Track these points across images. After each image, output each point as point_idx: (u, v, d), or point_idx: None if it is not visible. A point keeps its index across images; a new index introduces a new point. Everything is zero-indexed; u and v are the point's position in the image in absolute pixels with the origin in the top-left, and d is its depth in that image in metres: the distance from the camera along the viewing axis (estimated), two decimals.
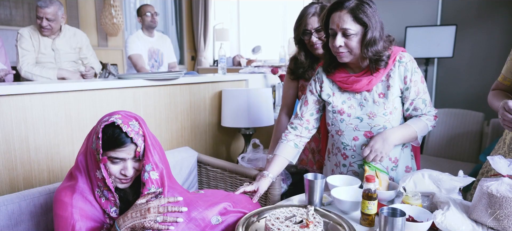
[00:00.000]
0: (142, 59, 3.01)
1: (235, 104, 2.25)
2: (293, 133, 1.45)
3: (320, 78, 1.44)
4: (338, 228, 1.05)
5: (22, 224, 1.28)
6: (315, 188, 1.20)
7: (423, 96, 1.34)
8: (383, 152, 1.29)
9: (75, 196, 1.03)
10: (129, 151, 1.02)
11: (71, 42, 2.58)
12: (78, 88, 1.74)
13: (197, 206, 1.15)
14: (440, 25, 3.38)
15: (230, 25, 5.61)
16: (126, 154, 1.02)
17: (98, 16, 4.75)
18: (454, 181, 1.18)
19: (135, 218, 0.98)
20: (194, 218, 1.12)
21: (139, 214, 0.98)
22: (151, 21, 3.09)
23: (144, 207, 0.99)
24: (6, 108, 1.53)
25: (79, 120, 1.75)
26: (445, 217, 1.01)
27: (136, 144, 1.02)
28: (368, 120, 1.34)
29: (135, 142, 1.02)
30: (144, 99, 2.00)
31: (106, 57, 4.66)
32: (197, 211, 1.14)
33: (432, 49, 3.29)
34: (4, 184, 1.55)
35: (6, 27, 3.95)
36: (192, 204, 1.15)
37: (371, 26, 1.23)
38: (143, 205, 1.00)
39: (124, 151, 1.02)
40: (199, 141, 2.33)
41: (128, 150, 1.02)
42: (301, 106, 1.47)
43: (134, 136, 1.02)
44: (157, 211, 0.97)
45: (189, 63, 5.93)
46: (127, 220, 0.98)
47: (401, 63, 1.31)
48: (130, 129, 1.01)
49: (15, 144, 1.57)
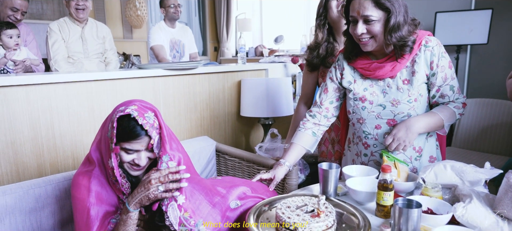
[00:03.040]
0: (163, 50, 3.05)
1: (254, 94, 2.24)
2: (312, 121, 1.42)
3: (341, 65, 1.40)
4: (352, 218, 1.03)
5: (48, 207, 1.34)
6: (330, 177, 1.18)
7: (451, 82, 1.27)
8: (406, 141, 1.23)
9: (92, 180, 1.07)
10: (142, 142, 1.04)
11: (97, 32, 2.67)
12: (100, 78, 1.79)
13: (219, 192, 1.16)
14: (474, 9, 3.20)
15: (252, 15, 5.58)
16: (139, 146, 1.04)
17: (123, 8, 4.86)
18: (479, 173, 1.11)
19: (140, 193, 1.01)
20: (218, 203, 1.13)
21: (143, 188, 1.01)
22: (174, 13, 3.12)
23: (146, 180, 1.01)
24: (33, 97, 1.60)
25: (101, 109, 1.80)
26: (466, 210, 0.95)
27: (150, 136, 1.04)
28: (391, 107, 1.29)
29: (150, 134, 1.03)
30: (164, 89, 2.03)
31: (131, 49, 4.77)
32: (219, 197, 1.15)
33: (465, 35, 3.11)
34: (32, 169, 1.63)
35: (37, 21, 4.14)
36: (213, 190, 1.16)
37: (394, 11, 1.17)
38: (146, 178, 1.02)
39: (138, 143, 1.03)
40: (218, 130, 2.34)
41: (142, 142, 1.04)
42: (321, 94, 1.44)
43: (149, 129, 1.03)
44: (158, 181, 1.00)
45: (212, 54, 5.97)
46: (134, 196, 1.02)
47: (427, 48, 1.25)
48: (145, 122, 1.02)
49: (42, 131, 1.64)
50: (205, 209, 1.10)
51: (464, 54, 3.38)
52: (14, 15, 2.36)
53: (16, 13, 2.36)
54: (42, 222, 1.32)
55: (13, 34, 2.28)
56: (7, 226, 1.25)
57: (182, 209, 1.04)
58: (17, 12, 2.36)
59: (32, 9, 4.12)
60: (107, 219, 1.08)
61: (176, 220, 1.02)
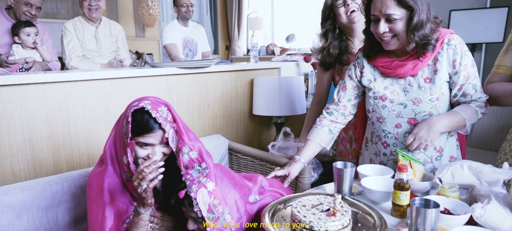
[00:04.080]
0: (176, 48, 3.08)
1: (267, 92, 2.24)
2: (328, 118, 1.41)
3: (360, 63, 1.38)
4: (368, 218, 1.02)
5: (64, 204, 1.36)
6: (344, 176, 1.17)
7: (473, 81, 1.25)
8: (427, 140, 1.21)
9: (105, 180, 1.08)
10: (156, 136, 1.05)
11: (111, 31, 2.70)
12: (114, 76, 1.81)
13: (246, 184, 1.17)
14: (490, 7, 3.13)
15: (264, 14, 5.57)
16: (154, 140, 1.05)
17: (135, 7, 4.91)
18: (497, 173, 1.09)
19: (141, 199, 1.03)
20: (244, 195, 1.13)
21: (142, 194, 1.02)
22: (186, 12, 3.14)
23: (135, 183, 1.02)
24: (50, 95, 1.63)
25: (115, 107, 1.82)
26: (485, 211, 0.94)
27: (164, 130, 1.04)
28: (412, 106, 1.27)
29: (163, 127, 1.04)
30: (177, 87, 2.05)
31: (144, 47, 4.82)
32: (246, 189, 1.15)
33: (480, 33, 3.06)
34: (49, 166, 1.66)
35: (52, 20, 4.21)
36: (241, 181, 1.16)
37: (417, 9, 1.15)
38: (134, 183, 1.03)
39: (152, 137, 1.04)
40: (231, 129, 2.35)
41: (156, 136, 1.05)
42: (339, 91, 1.42)
43: (162, 122, 1.04)
44: (137, 182, 0.99)
45: (223, 53, 5.98)
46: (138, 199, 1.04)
47: (450, 46, 1.23)
48: (158, 115, 1.03)
49: (58, 128, 1.67)
50: (232, 198, 1.09)
51: (479, 53, 3.31)
52: (28, 10, 2.37)
53: (30, 9, 2.37)
54: (58, 219, 1.35)
55: (31, 32, 2.32)
56: (25, 222, 1.27)
57: (212, 195, 1.03)
58: (32, 7, 2.37)
59: (47, 9, 4.20)
60: (121, 219, 1.09)
61: (206, 207, 1.01)
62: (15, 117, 1.55)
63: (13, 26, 2.33)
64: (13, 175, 1.57)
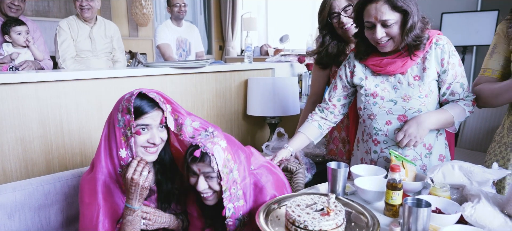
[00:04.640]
0: (170, 48, 3.06)
1: (261, 93, 2.25)
2: (319, 115, 1.47)
3: (351, 63, 1.42)
4: (361, 217, 1.03)
5: (57, 204, 1.35)
6: (338, 176, 1.18)
7: (461, 80, 1.30)
8: (417, 137, 1.25)
9: (99, 184, 1.08)
10: (154, 116, 1.06)
11: (106, 31, 2.67)
12: (108, 76, 1.80)
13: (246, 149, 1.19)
14: (481, 10, 3.18)
15: (258, 15, 5.58)
16: (152, 120, 1.06)
17: (129, 7, 4.88)
18: (487, 173, 1.12)
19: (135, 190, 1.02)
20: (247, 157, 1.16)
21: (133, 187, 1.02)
22: (178, 12, 3.13)
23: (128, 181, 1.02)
24: (42, 94, 1.61)
25: (109, 106, 1.78)
26: (475, 210, 0.96)
27: (161, 109, 1.06)
28: (402, 102, 1.30)
29: (161, 107, 1.06)
30: (171, 87, 2.04)
31: (137, 47, 4.79)
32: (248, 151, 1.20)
33: (471, 36, 3.11)
34: (41, 166, 1.65)
35: (44, 19, 4.16)
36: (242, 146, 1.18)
37: (410, 11, 1.19)
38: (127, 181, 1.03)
39: (150, 117, 1.05)
40: (225, 129, 2.35)
41: (154, 115, 1.06)
42: (330, 91, 1.48)
43: (158, 101, 1.06)
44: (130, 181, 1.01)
45: (217, 53, 5.98)
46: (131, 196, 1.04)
47: (438, 46, 1.28)
48: (154, 96, 1.06)
49: (51, 128, 1.65)
50: (241, 155, 1.12)
51: (470, 55, 3.36)
52: (12, 2, 2.29)
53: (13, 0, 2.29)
54: (51, 219, 1.33)
55: (22, 31, 2.30)
56: (16, 223, 1.26)
57: (226, 151, 1.05)
58: None
59: (38, 7, 4.15)
60: (115, 220, 1.09)
61: (221, 161, 1.03)
62: (7, 116, 1.53)
63: (3, 24, 2.29)
64: (5, 175, 1.56)
